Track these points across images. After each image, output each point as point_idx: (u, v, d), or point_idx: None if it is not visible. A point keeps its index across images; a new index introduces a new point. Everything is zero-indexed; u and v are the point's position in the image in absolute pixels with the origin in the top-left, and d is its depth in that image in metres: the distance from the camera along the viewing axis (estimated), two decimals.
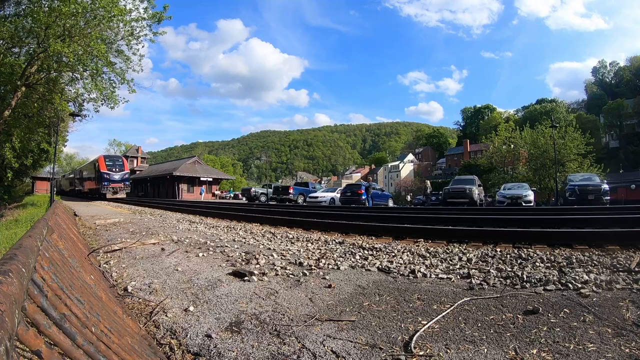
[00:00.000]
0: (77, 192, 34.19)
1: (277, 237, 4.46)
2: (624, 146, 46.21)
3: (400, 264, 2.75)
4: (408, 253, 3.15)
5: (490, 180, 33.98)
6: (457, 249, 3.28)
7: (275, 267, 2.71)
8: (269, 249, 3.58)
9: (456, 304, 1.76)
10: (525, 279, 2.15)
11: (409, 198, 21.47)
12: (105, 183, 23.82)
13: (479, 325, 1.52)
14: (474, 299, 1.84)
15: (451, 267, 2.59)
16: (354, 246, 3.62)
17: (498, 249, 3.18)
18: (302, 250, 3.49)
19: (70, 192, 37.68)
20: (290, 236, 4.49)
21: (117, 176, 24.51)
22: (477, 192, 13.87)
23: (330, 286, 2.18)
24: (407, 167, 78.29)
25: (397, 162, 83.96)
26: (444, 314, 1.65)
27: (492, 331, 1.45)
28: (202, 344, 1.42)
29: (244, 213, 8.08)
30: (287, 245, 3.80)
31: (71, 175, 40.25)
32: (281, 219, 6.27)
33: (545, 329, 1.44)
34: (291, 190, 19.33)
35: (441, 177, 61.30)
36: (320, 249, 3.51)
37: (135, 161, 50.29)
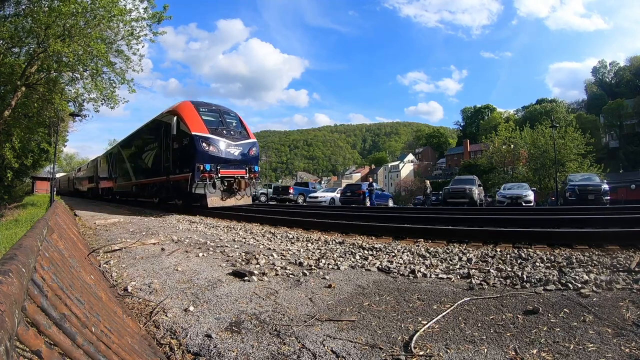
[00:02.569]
0: (103, 193, 18.36)
1: (277, 237, 4.46)
2: (624, 146, 46.20)
3: (400, 264, 2.75)
4: (408, 253, 3.15)
5: (490, 180, 34.01)
6: (457, 249, 3.28)
7: (275, 267, 2.71)
8: (269, 249, 3.58)
9: (456, 304, 1.76)
10: (525, 279, 2.15)
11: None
12: (207, 167, 8.70)
13: (479, 325, 1.52)
14: (474, 299, 1.84)
15: (451, 267, 2.59)
16: (354, 246, 3.62)
17: (498, 249, 3.18)
18: (302, 250, 3.49)
19: (90, 194, 22.01)
20: (290, 236, 4.48)
21: (234, 149, 9.55)
22: (477, 192, 13.89)
23: (330, 286, 2.18)
24: (407, 167, 78.32)
25: (397, 162, 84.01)
26: (444, 314, 1.65)
27: (492, 331, 1.45)
28: (202, 344, 1.42)
29: (244, 213, 8.08)
30: (287, 245, 3.80)
31: (90, 168, 22.53)
32: (281, 219, 6.26)
33: (545, 329, 1.44)
34: (291, 190, 19.29)
35: (441, 177, 61.35)
36: (320, 249, 3.50)
37: None
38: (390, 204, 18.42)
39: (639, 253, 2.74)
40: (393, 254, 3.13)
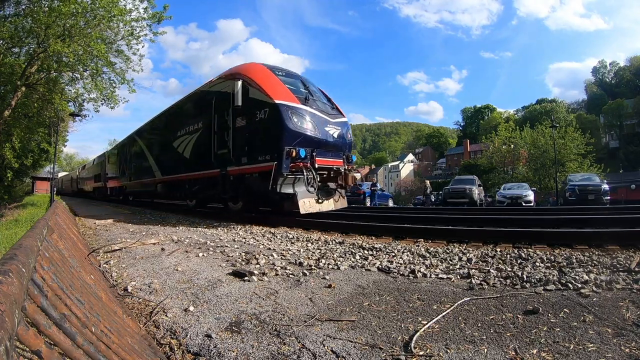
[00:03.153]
0: (112, 193, 15.96)
1: (277, 237, 4.46)
2: (624, 146, 46.25)
3: (400, 264, 2.75)
4: (408, 253, 3.15)
5: (490, 180, 34.03)
6: (457, 249, 3.28)
7: (275, 267, 2.71)
8: (269, 249, 3.58)
9: (456, 304, 1.76)
10: (525, 279, 2.15)
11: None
12: (301, 152, 5.46)
13: (479, 325, 1.51)
14: (474, 299, 1.84)
15: (451, 267, 2.59)
16: (354, 246, 3.62)
17: (498, 249, 3.18)
18: (302, 250, 3.49)
19: (97, 194, 19.32)
20: (290, 236, 4.48)
21: (332, 129, 6.24)
22: (477, 192, 13.92)
23: (330, 286, 2.18)
24: (407, 167, 78.32)
25: (397, 162, 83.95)
26: (444, 314, 1.65)
27: (492, 331, 1.45)
28: (202, 344, 1.42)
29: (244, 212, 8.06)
30: (287, 245, 3.80)
31: (96, 165, 19.33)
32: (281, 219, 6.26)
33: (545, 329, 1.44)
34: None
35: (441, 177, 61.37)
36: (320, 249, 3.50)
37: None
38: (391, 204, 18.40)
39: (639, 253, 2.74)
40: (393, 254, 3.13)
